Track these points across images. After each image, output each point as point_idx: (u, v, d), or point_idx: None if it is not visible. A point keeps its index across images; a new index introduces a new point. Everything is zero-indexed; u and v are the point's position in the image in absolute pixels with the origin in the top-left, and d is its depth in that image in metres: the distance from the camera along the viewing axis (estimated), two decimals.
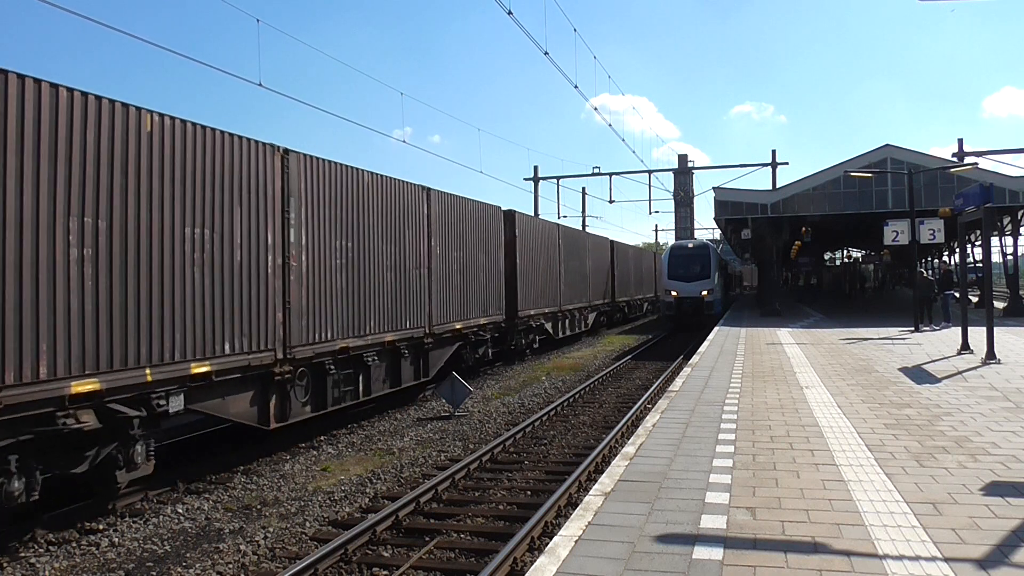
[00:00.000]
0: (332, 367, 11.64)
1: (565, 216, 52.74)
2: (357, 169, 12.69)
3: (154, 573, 6.67)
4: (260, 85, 13.33)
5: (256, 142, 10.10)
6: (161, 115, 8.53)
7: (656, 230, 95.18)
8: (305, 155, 11.18)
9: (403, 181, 14.35)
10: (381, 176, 13.51)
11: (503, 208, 20.43)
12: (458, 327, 16.71)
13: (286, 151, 10.67)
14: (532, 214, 38.75)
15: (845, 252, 65.70)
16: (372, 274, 12.93)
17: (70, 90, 7.42)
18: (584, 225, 49.35)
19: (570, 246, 26.73)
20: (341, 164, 12.14)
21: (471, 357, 17.79)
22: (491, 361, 19.60)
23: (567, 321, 26.32)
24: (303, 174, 11.11)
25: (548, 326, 24.06)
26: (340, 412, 12.93)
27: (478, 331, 18.04)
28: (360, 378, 12.61)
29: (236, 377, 9.71)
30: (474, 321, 17.72)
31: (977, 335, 14.70)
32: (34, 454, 7.14)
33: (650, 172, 44.90)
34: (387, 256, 13.53)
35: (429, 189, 15.48)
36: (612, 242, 34.89)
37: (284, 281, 10.56)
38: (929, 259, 52.77)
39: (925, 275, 23.54)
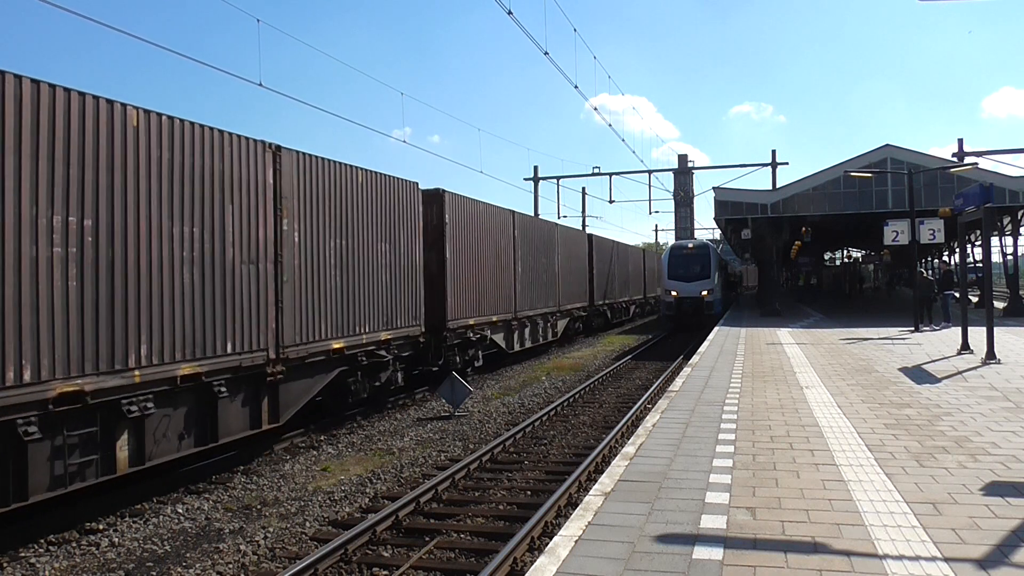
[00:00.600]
0: (35, 429, 7.01)
1: (565, 216, 52.74)
2: (110, 101, 8.01)
3: (154, 573, 6.67)
4: (260, 85, 13.31)
5: None
6: None
7: (656, 230, 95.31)
8: None
9: (226, 132, 9.75)
10: (171, 118, 8.83)
11: (424, 187, 15.69)
12: (338, 346, 11.98)
13: None
14: (532, 214, 38.50)
15: (845, 252, 65.71)
16: (145, 269, 8.36)
17: None
18: (584, 225, 49.34)
19: (531, 239, 22.66)
20: (64, 88, 7.47)
21: (364, 386, 13.12)
22: (403, 388, 15.13)
23: (526, 330, 22.12)
24: None
25: (499, 337, 19.86)
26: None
27: (376, 350, 13.26)
28: (125, 439, 8.15)
29: None
30: (370, 337, 12.96)
31: (977, 335, 14.70)
32: None
33: (650, 172, 44.91)
34: (181, 243, 8.91)
35: (279, 148, 10.77)
36: (591, 236, 31.49)
37: None
38: (929, 259, 52.78)
39: (925, 275, 23.56)
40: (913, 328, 19.72)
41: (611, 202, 49.15)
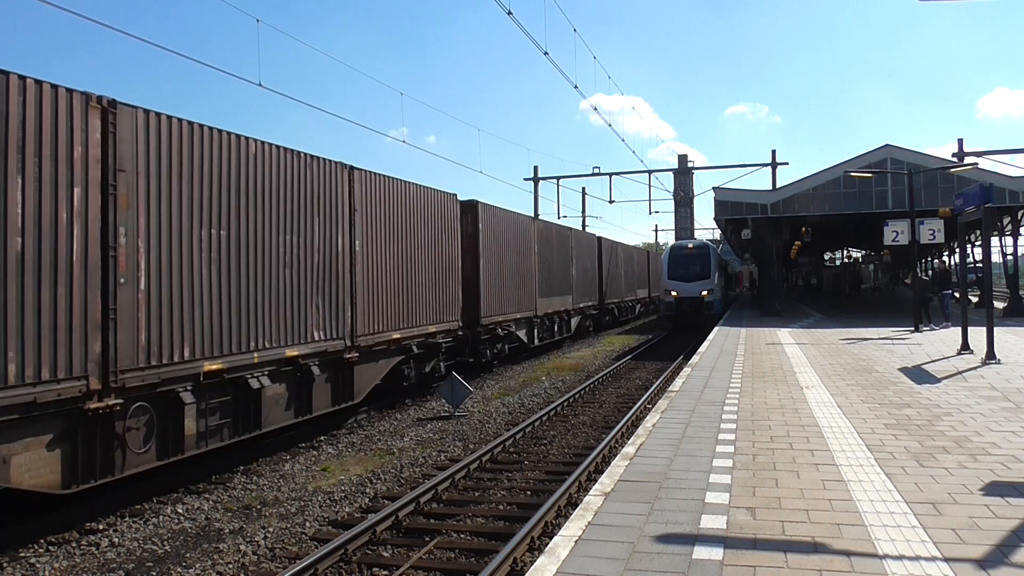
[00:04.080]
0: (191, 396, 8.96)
1: (565, 216, 52.80)
2: (238, 136, 9.58)
3: (154, 573, 6.67)
4: (260, 85, 13.34)
5: None
6: None
7: (656, 230, 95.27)
8: None
9: (318, 157, 11.33)
10: (278, 147, 10.43)
11: (464, 198, 17.45)
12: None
13: None
14: (532, 215, 38.69)
15: (845, 252, 65.64)
16: (262, 271, 9.96)
17: None
18: (584, 225, 49.37)
19: (547, 243, 24.27)
20: (208, 127, 9.20)
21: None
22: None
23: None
24: None
25: (522, 333, 21.37)
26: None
27: (425, 339, 15.22)
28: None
29: None
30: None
31: (977, 335, 14.70)
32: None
33: (650, 172, 44.90)
34: (287, 250, 10.50)
35: (352, 168, 12.35)
36: (600, 239, 33.17)
37: None
38: (928, 259, 52.80)
39: (922, 276, 23.57)
40: (913, 328, 19.72)
41: (611, 202, 49.16)
